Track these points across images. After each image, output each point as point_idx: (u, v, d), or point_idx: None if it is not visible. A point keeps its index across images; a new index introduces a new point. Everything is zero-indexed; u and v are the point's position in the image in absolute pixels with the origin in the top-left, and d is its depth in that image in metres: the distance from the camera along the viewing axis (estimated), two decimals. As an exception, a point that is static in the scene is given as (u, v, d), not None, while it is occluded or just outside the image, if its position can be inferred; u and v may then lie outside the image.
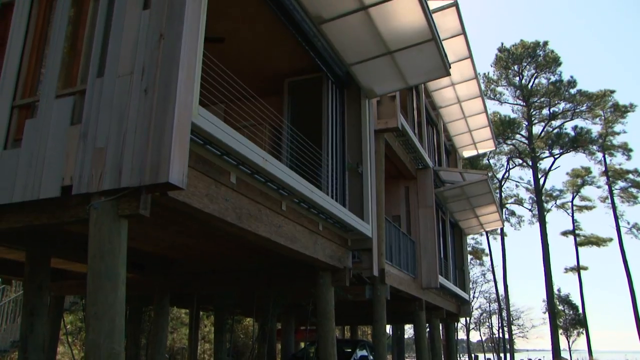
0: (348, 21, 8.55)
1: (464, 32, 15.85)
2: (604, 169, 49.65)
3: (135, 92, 4.85)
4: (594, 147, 49.03)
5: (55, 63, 5.50)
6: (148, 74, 4.85)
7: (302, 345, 21.87)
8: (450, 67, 10.08)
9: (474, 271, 51.27)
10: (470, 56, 17.07)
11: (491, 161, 50.90)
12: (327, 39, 8.95)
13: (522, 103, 49.82)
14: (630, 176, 49.03)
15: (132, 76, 4.94)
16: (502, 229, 47.45)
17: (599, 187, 50.72)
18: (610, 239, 49.69)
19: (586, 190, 54.46)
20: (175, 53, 4.79)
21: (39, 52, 5.84)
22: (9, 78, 5.70)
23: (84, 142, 4.92)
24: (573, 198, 50.99)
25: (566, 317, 53.97)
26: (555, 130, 49.15)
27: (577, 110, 48.50)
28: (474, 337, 69.31)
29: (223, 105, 9.43)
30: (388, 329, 30.16)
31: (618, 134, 49.07)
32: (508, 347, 46.71)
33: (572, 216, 50.76)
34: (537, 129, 49.58)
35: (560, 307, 51.31)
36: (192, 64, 4.94)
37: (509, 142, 49.72)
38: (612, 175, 49.41)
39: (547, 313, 45.48)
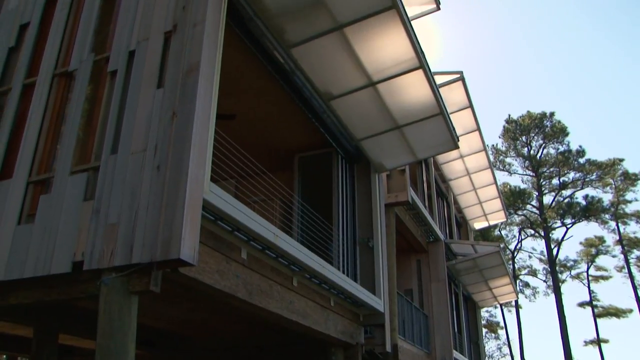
0: (357, 97, 8.72)
1: (471, 105, 16.14)
2: (618, 238, 49.01)
3: (148, 169, 4.92)
4: (607, 216, 48.65)
5: (70, 140, 5.62)
6: (161, 151, 4.94)
7: None
8: (458, 140, 10.20)
9: (490, 345, 50.07)
10: (478, 128, 17.30)
11: (503, 232, 50.60)
12: (337, 114, 9.10)
13: (531, 173, 49.97)
14: (646, 245, 48.36)
15: (145, 153, 5.02)
16: (516, 301, 46.64)
17: (614, 256, 49.76)
18: (630, 310, 48.36)
19: (601, 260, 53.55)
20: (187, 130, 4.88)
21: (56, 129, 5.97)
22: (26, 155, 5.81)
23: (97, 218, 4.96)
24: (588, 268, 50.13)
25: (588, 394, 52.14)
26: (566, 200, 49.00)
27: (587, 179, 48.51)
28: (492, 414, 66.76)
29: (234, 180, 9.52)
30: (402, 406, 29.17)
31: (630, 202, 48.73)
32: None
33: (589, 287, 49.78)
34: (547, 199, 49.52)
35: (582, 383, 49.63)
36: (204, 141, 5.04)
37: (520, 212, 49.56)
38: (627, 244, 48.72)
39: (567, 389, 43.97)
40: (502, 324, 49.79)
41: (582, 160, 48.48)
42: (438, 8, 12.62)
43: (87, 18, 6.42)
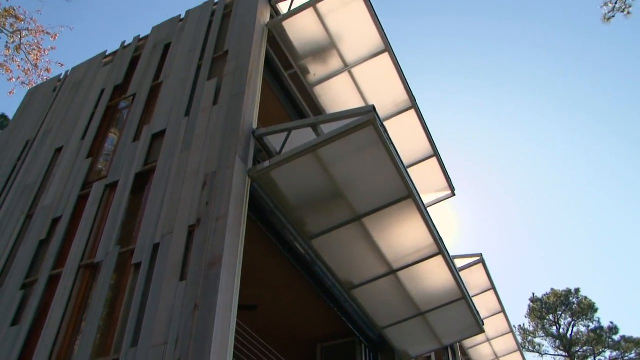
0: (378, 285, 8.71)
1: (493, 287, 15.94)
2: (672, 423, 45.25)
3: (168, 363, 4.85)
4: (657, 398, 45.40)
5: (91, 331, 5.61)
6: (182, 345, 4.90)
7: None
8: (483, 324, 9.97)
9: None
10: (503, 310, 16.92)
11: (541, 420, 47.26)
12: (358, 303, 9.03)
13: (563, 353, 47.72)
14: None
15: (166, 346, 4.98)
16: None
17: None
18: None
19: None
20: (209, 323, 4.88)
21: (78, 320, 6.00)
22: (45, 348, 5.77)
23: (112, 417, 4.81)
24: None
25: None
26: (609, 381, 46.22)
27: (626, 357, 46.05)
28: None
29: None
30: None
31: (678, 381, 45.70)
32: None
33: None
34: (587, 381, 46.72)
35: None
36: (225, 334, 5.00)
37: (557, 397, 46.67)
38: None
39: None
40: None
41: (616, 338, 46.43)
42: (453, 194, 12.99)
43: (115, 212, 6.73)
